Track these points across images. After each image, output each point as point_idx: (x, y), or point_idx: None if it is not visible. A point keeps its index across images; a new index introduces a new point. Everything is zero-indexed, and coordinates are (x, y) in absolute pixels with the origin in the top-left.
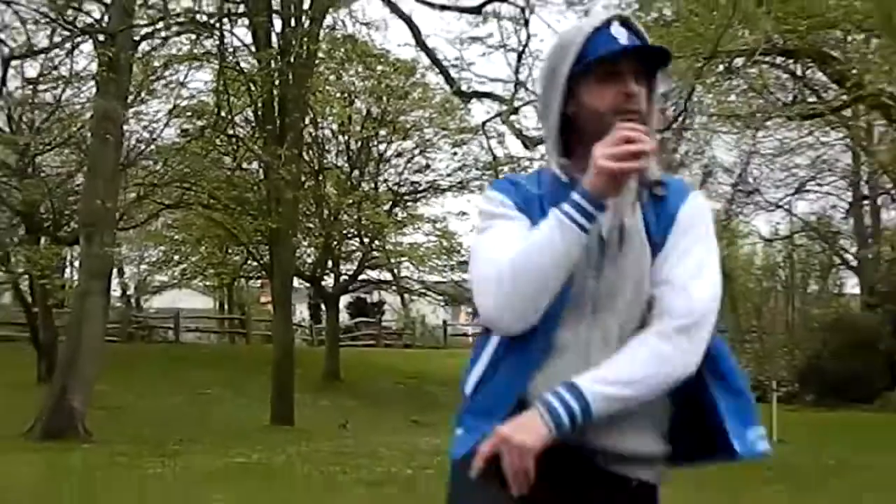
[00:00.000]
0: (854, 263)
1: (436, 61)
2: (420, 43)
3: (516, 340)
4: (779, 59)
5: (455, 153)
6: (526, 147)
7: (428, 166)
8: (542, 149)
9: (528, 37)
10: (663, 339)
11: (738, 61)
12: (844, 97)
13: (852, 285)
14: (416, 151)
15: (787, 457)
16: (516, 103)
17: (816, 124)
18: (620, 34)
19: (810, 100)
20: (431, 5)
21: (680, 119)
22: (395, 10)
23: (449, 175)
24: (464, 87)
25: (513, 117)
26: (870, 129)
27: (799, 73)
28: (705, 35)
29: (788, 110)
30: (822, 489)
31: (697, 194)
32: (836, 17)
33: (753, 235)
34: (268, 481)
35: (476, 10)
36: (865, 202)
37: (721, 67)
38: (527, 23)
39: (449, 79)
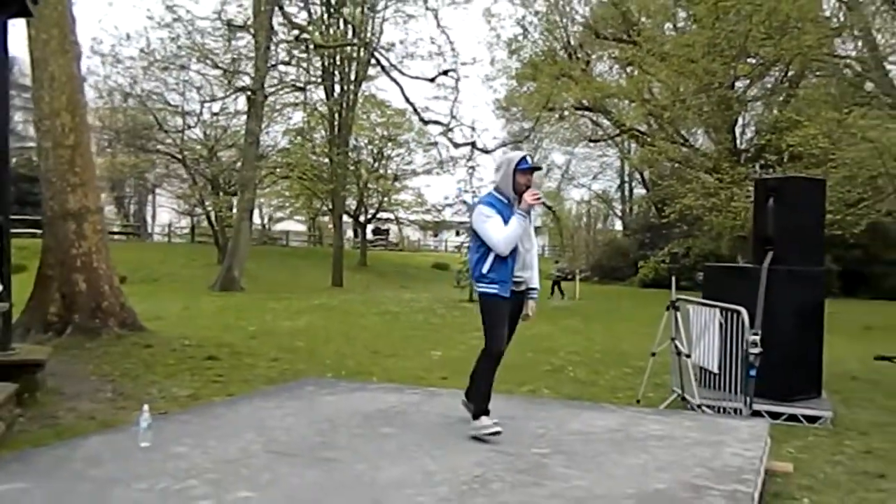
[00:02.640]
0: (619, 213)
1: (411, 104)
2: (404, 96)
3: (505, 257)
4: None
5: (425, 153)
6: (455, 147)
7: (410, 162)
8: (462, 150)
9: (457, 93)
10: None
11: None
12: (618, 132)
13: (619, 225)
14: (404, 152)
15: (582, 306)
16: (451, 125)
17: (603, 145)
18: (529, 160)
19: (599, 132)
20: (411, 77)
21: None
22: (394, 80)
23: (421, 165)
24: (425, 117)
25: (449, 134)
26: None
27: (594, 118)
28: (543, 95)
29: (591, 136)
30: (597, 320)
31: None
32: (614, 91)
33: (570, 200)
34: (328, 312)
35: (432, 80)
36: (625, 184)
37: (557, 115)
38: (457, 85)
39: (417, 113)
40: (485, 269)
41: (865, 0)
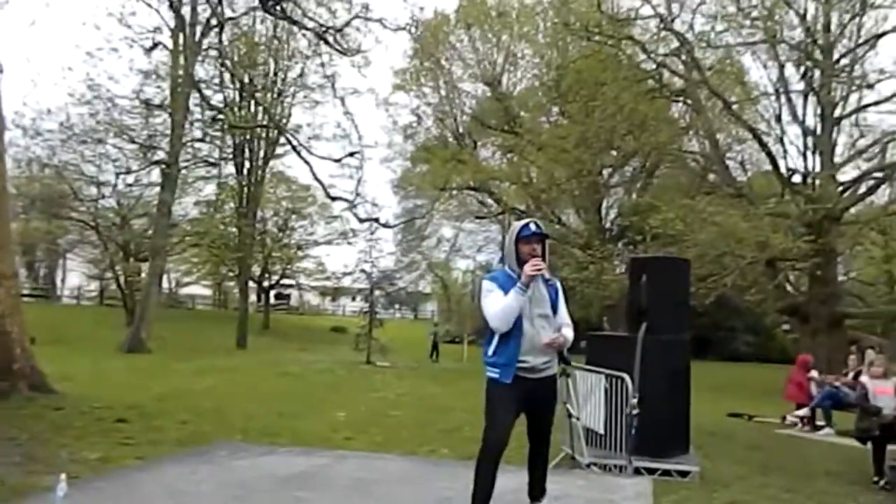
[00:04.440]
0: None
1: (319, 182)
2: (313, 174)
3: (507, 332)
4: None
5: (327, 224)
6: (361, 222)
7: (313, 233)
8: (365, 225)
9: (361, 173)
10: (567, 329)
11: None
12: (501, 210)
13: None
14: (307, 224)
15: (470, 368)
16: (356, 202)
17: (487, 221)
18: (532, 227)
19: (484, 210)
20: (319, 157)
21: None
22: (304, 160)
23: (323, 236)
24: (332, 194)
25: (354, 210)
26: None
27: (480, 198)
28: (436, 176)
29: (477, 213)
30: None
31: (558, 283)
32: (497, 175)
33: (457, 270)
34: (233, 373)
35: (338, 160)
36: None
37: (447, 194)
38: (361, 165)
39: (325, 190)
40: (490, 351)
41: (708, 105)
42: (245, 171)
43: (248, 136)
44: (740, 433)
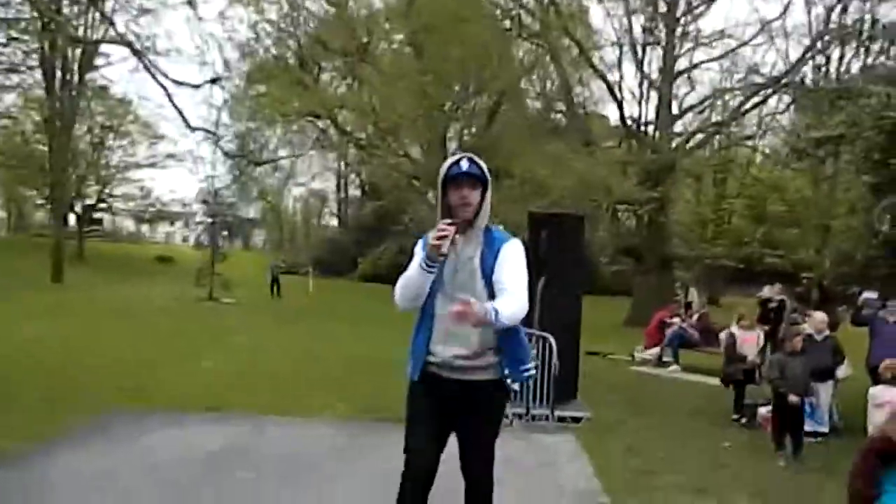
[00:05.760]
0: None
1: (178, 110)
2: (171, 101)
3: (420, 314)
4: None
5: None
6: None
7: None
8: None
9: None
10: (510, 297)
11: None
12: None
13: (334, 222)
14: (126, 144)
15: (321, 304)
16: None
17: (324, 148)
18: (463, 165)
19: (323, 137)
20: (176, 81)
21: None
22: (160, 84)
23: (145, 158)
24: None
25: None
26: None
27: (322, 125)
28: (276, 100)
29: (317, 140)
30: (335, 321)
31: (514, 241)
32: (342, 102)
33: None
34: (57, 316)
35: (198, 86)
36: (342, 184)
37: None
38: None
39: (184, 119)
40: (413, 335)
41: (562, 48)
42: (56, 82)
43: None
44: (603, 373)
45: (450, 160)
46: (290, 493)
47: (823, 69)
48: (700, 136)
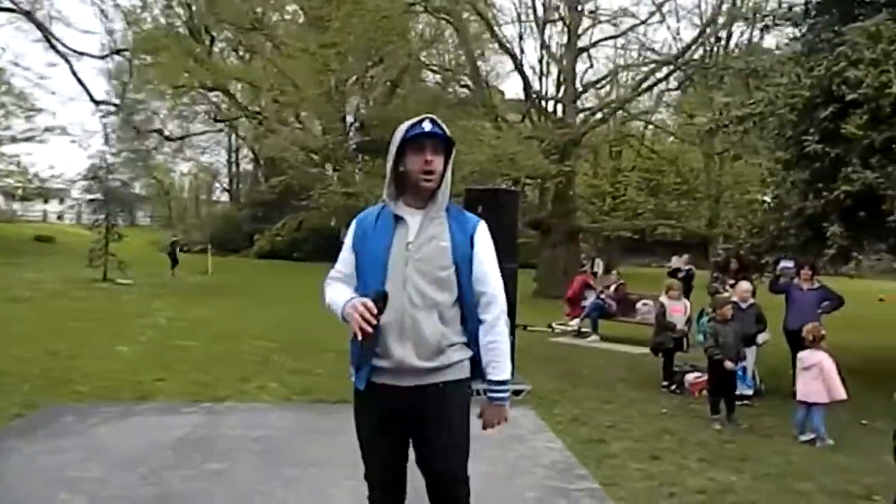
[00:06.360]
0: (227, 187)
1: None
2: (75, 75)
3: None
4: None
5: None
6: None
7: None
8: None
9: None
10: (499, 310)
11: None
12: (238, 113)
13: (225, 198)
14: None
15: (220, 282)
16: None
17: (214, 123)
18: (426, 126)
19: (216, 110)
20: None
21: None
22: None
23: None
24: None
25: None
26: None
27: (215, 98)
28: (167, 71)
29: (211, 114)
30: (243, 297)
31: (483, 224)
32: (238, 75)
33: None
34: None
35: (103, 57)
36: (233, 159)
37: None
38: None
39: (89, 94)
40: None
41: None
42: None
43: None
44: (527, 346)
45: (408, 122)
46: (270, 480)
47: (716, 49)
48: (605, 111)
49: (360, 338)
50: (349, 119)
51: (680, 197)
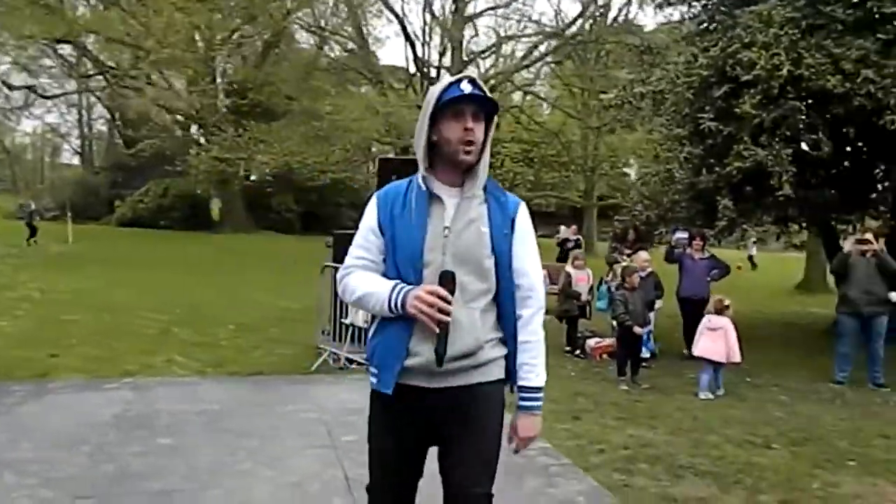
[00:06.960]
0: (78, 149)
1: None
2: None
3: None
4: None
5: None
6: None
7: None
8: None
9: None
10: (538, 306)
11: None
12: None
13: (76, 161)
14: None
15: (88, 250)
16: None
17: (63, 79)
18: (466, 87)
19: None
20: None
21: None
22: None
23: None
24: None
25: None
26: None
27: (72, 53)
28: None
29: (67, 71)
30: (125, 268)
31: (524, 206)
32: (97, 27)
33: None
34: None
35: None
36: (84, 119)
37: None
38: None
39: None
40: (371, 330)
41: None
42: None
43: None
44: None
45: (443, 81)
46: (233, 451)
47: (595, 24)
48: (492, 81)
49: (436, 331)
50: (219, 81)
51: (560, 168)
